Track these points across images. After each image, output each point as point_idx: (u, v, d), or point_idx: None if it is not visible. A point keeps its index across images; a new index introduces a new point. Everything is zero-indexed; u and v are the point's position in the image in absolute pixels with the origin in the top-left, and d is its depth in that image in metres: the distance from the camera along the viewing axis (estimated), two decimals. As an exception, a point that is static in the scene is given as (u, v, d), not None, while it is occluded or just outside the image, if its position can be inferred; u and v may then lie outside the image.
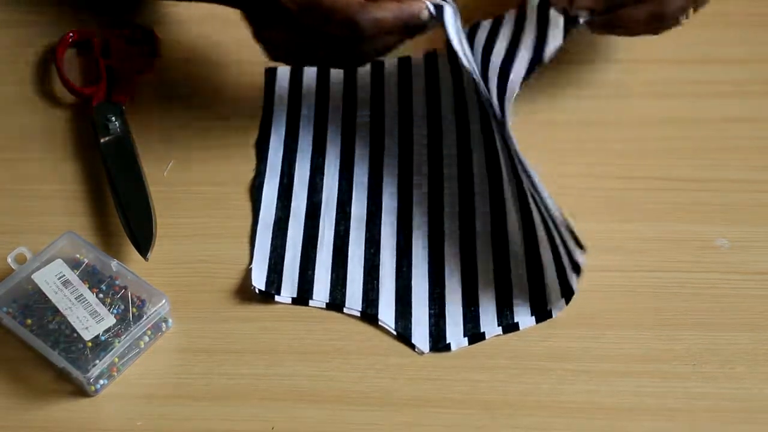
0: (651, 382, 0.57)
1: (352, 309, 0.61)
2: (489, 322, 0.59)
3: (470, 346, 0.59)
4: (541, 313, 0.60)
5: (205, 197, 0.68)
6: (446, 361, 0.58)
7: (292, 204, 0.66)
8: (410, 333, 0.59)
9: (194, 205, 0.67)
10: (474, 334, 0.59)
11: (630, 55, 0.74)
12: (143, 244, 0.63)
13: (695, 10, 0.63)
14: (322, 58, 0.64)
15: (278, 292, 0.61)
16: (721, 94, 0.73)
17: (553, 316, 0.59)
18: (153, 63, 0.76)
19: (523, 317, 0.59)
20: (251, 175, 0.69)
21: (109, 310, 0.59)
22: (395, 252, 0.63)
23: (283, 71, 0.74)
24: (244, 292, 0.62)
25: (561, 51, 0.61)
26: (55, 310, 0.59)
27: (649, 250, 0.63)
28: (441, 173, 0.67)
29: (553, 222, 0.58)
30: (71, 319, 0.58)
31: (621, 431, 0.55)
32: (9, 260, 0.62)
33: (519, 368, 0.58)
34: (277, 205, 0.66)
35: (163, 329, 0.60)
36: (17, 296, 0.60)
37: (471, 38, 0.67)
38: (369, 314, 0.60)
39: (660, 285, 0.62)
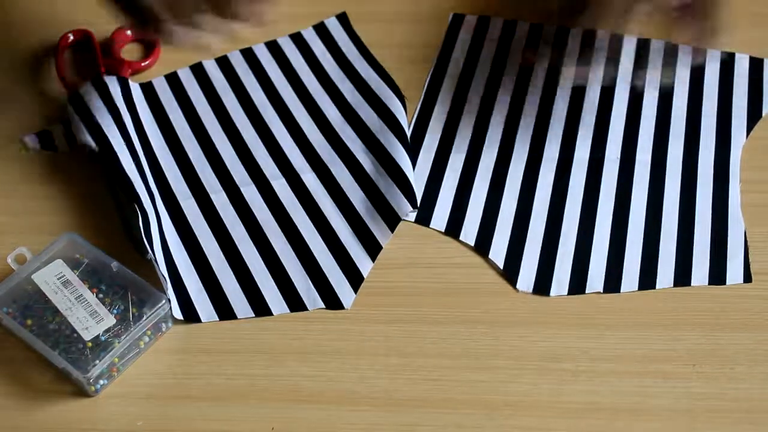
0: (651, 383, 0.57)
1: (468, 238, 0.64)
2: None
3: (471, 346, 0.59)
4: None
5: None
6: (446, 361, 0.59)
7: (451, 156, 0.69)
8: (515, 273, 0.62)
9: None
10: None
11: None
12: (143, 244, 0.63)
13: None
14: None
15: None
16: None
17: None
18: (152, 62, 0.76)
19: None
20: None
21: (109, 310, 0.59)
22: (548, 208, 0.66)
23: (470, 19, 0.78)
24: (244, 292, 0.62)
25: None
26: (55, 311, 0.59)
27: (649, 250, 0.63)
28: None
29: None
30: (71, 320, 0.58)
31: (621, 431, 0.55)
32: (9, 260, 0.62)
33: (519, 368, 0.58)
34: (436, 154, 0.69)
35: (163, 329, 0.60)
36: (17, 297, 0.60)
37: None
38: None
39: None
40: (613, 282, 0.62)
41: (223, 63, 0.75)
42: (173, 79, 0.74)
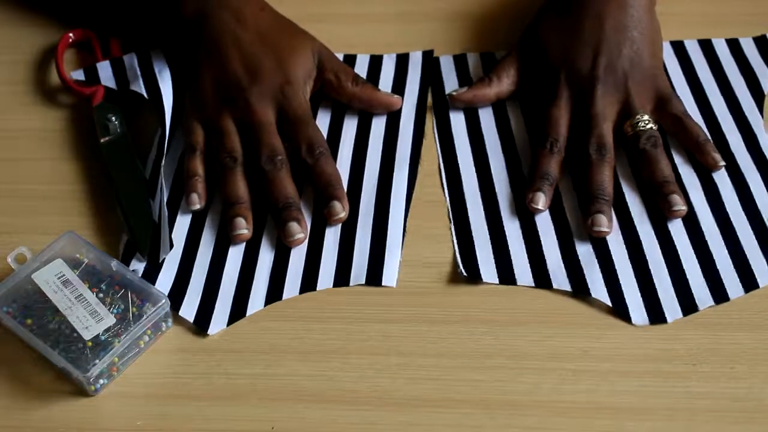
0: (651, 382, 0.57)
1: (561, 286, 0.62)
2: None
3: (471, 346, 0.59)
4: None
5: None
6: (446, 361, 0.58)
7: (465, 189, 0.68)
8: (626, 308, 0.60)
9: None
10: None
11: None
12: (142, 244, 0.63)
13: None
14: None
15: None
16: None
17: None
18: (153, 63, 0.76)
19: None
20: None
21: (109, 310, 0.59)
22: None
23: (446, 59, 0.77)
24: (244, 292, 0.62)
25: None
26: (55, 310, 0.59)
27: (649, 250, 0.63)
28: None
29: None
30: (71, 319, 0.58)
31: (621, 431, 0.55)
32: (9, 260, 0.62)
33: (519, 368, 0.58)
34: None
35: (163, 329, 0.60)
36: (17, 296, 0.60)
37: None
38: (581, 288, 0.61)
39: (660, 285, 0.62)
40: (719, 292, 0.61)
41: None
42: None
